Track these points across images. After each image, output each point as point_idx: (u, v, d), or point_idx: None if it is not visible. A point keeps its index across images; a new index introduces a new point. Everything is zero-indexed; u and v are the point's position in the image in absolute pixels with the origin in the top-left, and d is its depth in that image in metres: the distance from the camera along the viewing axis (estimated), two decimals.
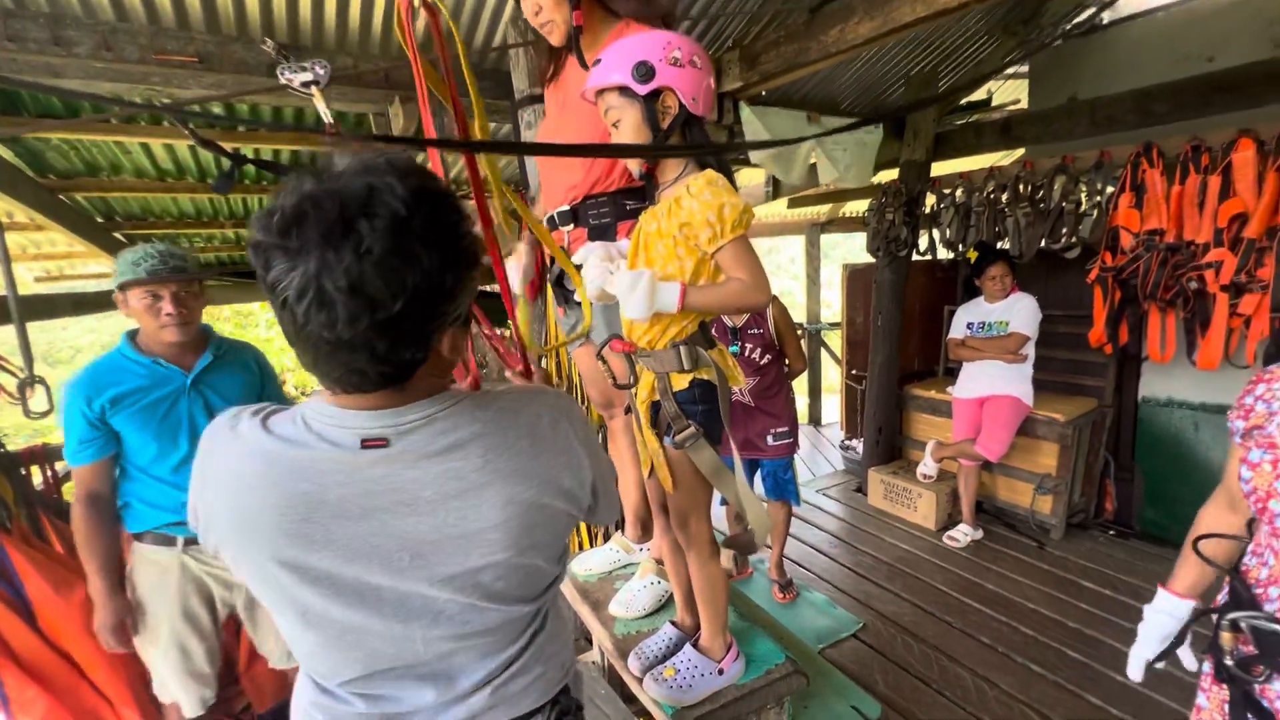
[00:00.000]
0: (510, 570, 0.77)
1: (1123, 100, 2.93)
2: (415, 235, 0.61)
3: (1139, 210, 2.81)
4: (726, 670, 1.32)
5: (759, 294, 1.14)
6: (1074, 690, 2.23)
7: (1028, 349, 3.17)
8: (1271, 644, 0.92)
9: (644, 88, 1.12)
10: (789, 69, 2.46)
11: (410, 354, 0.67)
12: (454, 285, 0.66)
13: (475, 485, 0.72)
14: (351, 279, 0.59)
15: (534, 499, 0.75)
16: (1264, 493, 0.95)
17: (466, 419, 0.74)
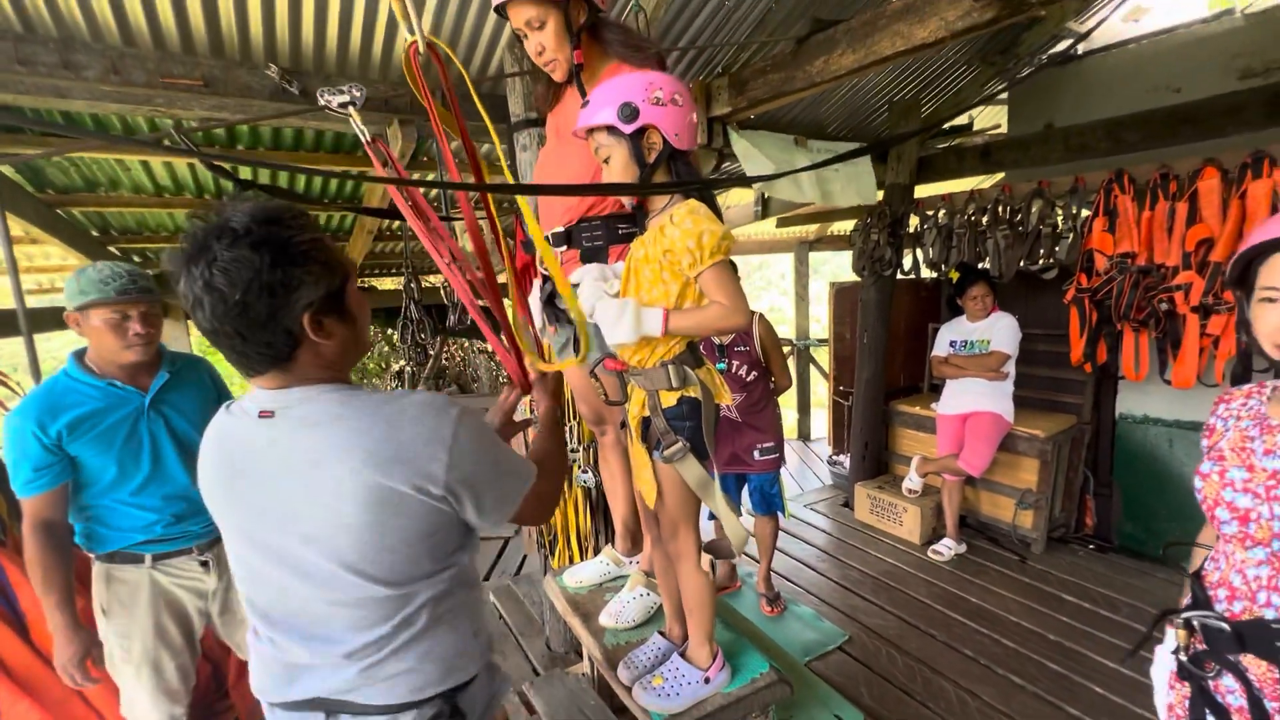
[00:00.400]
0: (364, 545, 0.88)
1: (1096, 129, 3.05)
2: (249, 244, 0.81)
3: (1112, 234, 2.92)
4: (713, 679, 1.37)
5: (738, 316, 1.21)
6: (1053, 701, 2.28)
7: (1008, 367, 3.25)
8: (1218, 640, 0.98)
9: (629, 127, 1.20)
10: (776, 96, 2.56)
11: (271, 337, 0.86)
12: (286, 278, 0.84)
13: (331, 459, 0.86)
14: (205, 280, 0.81)
15: (382, 481, 0.86)
16: (1212, 501, 1.01)
17: (336, 402, 0.90)
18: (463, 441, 0.91)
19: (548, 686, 1.87)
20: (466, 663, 1.00)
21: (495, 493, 0.97)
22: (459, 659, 0.99)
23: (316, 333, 0.89)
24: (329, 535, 0.88)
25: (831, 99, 3.67)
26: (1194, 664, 1.01)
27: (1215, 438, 1.09)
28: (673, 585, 1.48)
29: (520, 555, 4.02)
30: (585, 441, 2.34)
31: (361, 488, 0.86)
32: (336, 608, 0.91)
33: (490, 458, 0.96)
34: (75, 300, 1.53)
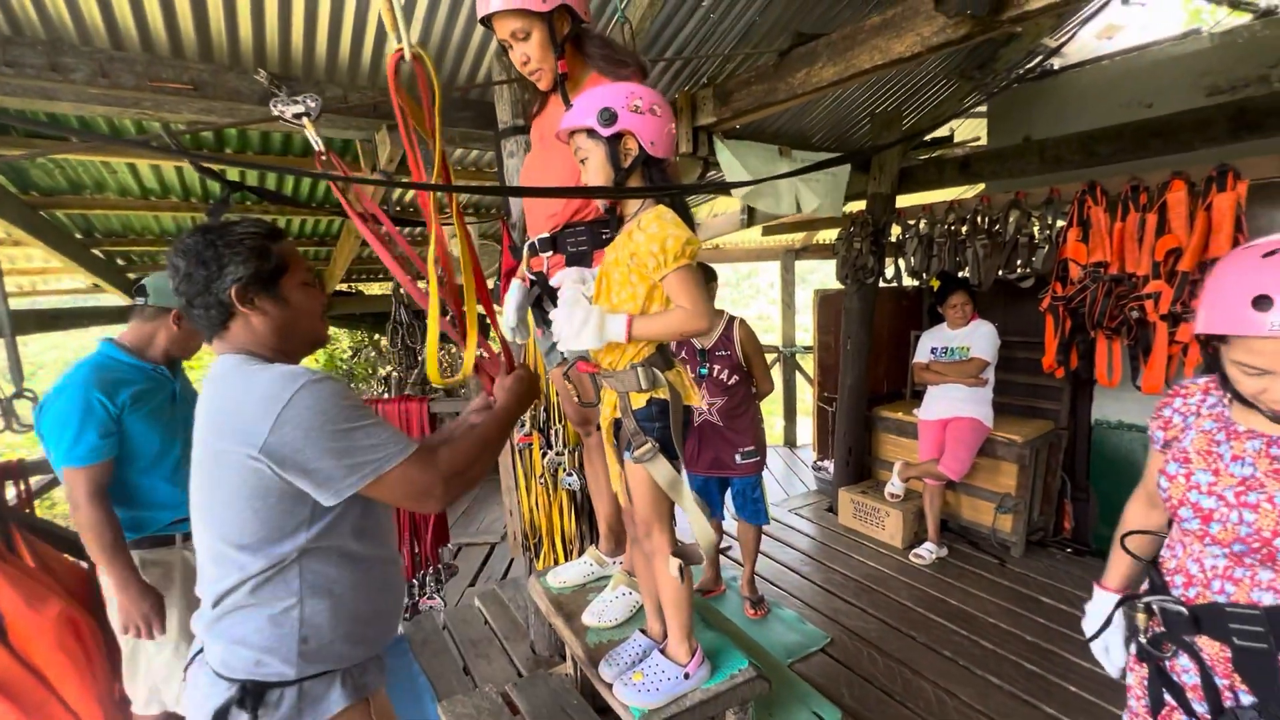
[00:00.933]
0: (207, 499, 1.06)
1: (1070, 141, 3.14)
2: (200, 232, 1.09)
3: (1085, 244, 3.00)
4: (692, 675, 1.39)
5: (699, 321, 1.25)
6: (1030, 701, 2.32)
7: (988, 373, 3.32)
8: (1175, 622, 1.04)
9: (607, 131, 1.24)
10: (759, 107, 2.61)
11: (208, 302, 1.08)
12: (217, 255, 1.06)
13: (200, 418, 1.07)
14: (170, 259, 1.09)
15: (216, 442, 1.02)
16: (1177, 500, 1.06)
17: (230, 367, 1.07)
18: (295, 406, 0.97)
19: (531, 687, 1.88)
20: (277, 663, 1.02)
21: (331, 462, 0.98)
22: (268, 654, 1.02)
23: (244, 304, 1.08)
24: (197, 486, 1.07)
25: (815, 110, 3.75)
26: (1152, 645, 1.06)
27: (1172, 432, 1.13)
28: (651, 584, 1.50)
29: (506, 560, 4.02)
30: (571, 445, 2.36)
31: (207, 445, 1.04)
32: (203, 550, 1.08)
33: (329, 426, 0.98)
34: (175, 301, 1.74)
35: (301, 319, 1.16)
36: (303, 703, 1.04)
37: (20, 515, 2.12)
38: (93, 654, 1.92)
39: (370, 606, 1.12)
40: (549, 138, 1.68)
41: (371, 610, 1.12)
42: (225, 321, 1.10)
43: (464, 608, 3.15)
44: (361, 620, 1.10)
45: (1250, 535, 0.95)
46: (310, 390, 0.99)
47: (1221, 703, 0.98)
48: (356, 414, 1.02)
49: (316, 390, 0.99)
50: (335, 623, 1.06)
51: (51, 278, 4.59)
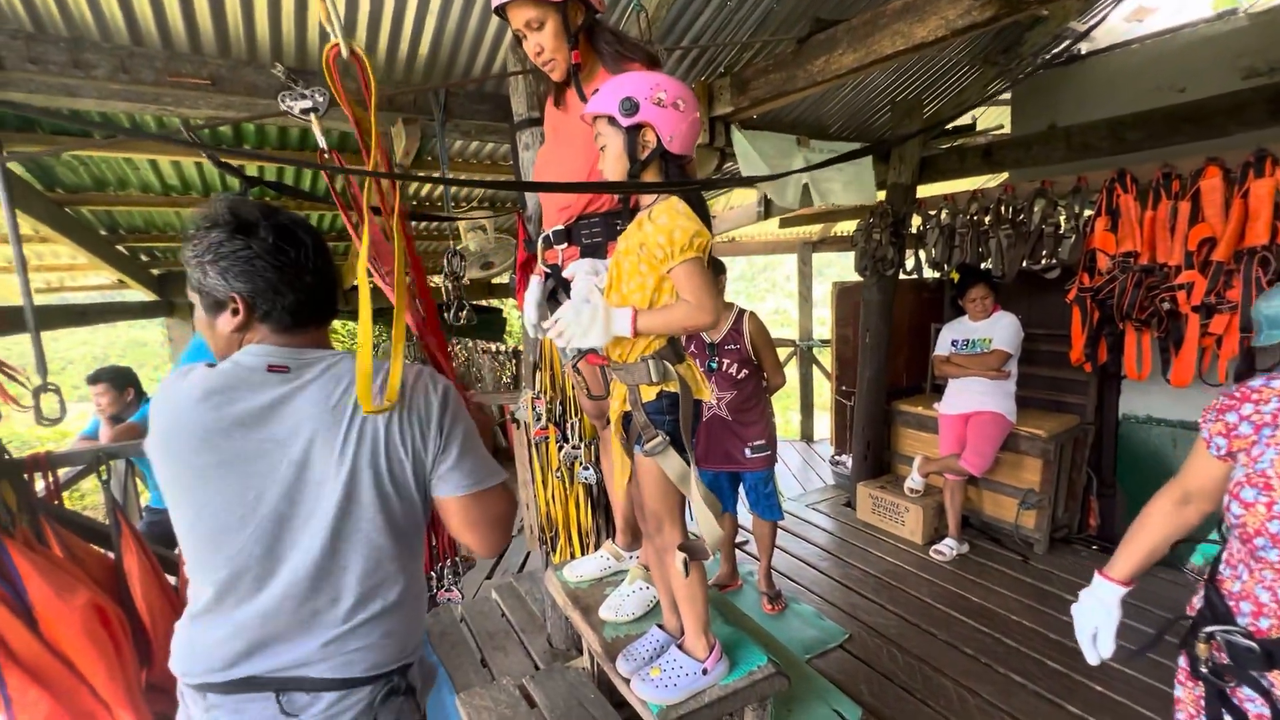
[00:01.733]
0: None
1: (1098, 128, 3.05)
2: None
3: (1114, 233, 2.92)
4: (710, 670, 1.38)
5: (704, 315, 1.23)
6: (1053, 699, 2.28)
7: (1010, 366, 3.25)
8: (1244, 658, 0.97)
9: (627, 121, 1.22)
10: (777, 95, 2.57)
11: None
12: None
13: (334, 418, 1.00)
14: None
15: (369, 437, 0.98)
16: (1254, 529, 0.96)
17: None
18: (453, 398, 1.01)
19: (548, 680, 1.88)
20: (418, 635, 1.03)
21: (470, 456, 1.01)
22: (415, 633, 1.02)
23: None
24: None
25: (833, 99, 3.68)
26: (1214, 675, 1.00)
27: (1240, 443, 1.01)
28: (666, 578, 1.49)
29: (524, 553, 4.04)
30: (587, 438, 2.35)
31: (370, 448, 0.97)
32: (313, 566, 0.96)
33: (469, 422, 1.02)
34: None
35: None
36: (421, 671, 1.07)
37: (49, 507, 2.16)
38: (120, 642, 1.95)
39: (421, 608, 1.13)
40: (563, 130, 1.67)
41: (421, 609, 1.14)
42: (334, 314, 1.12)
43: (481, 600, 3.17)
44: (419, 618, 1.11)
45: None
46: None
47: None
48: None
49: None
50: (416, 617, 1.06)
51: (79, 274, 4.68)
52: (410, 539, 1.01)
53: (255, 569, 0.91)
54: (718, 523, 1.29)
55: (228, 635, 0.91)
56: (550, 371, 2.42)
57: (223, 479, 0.90)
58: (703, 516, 1.28)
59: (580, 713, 1.71)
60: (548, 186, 1.61)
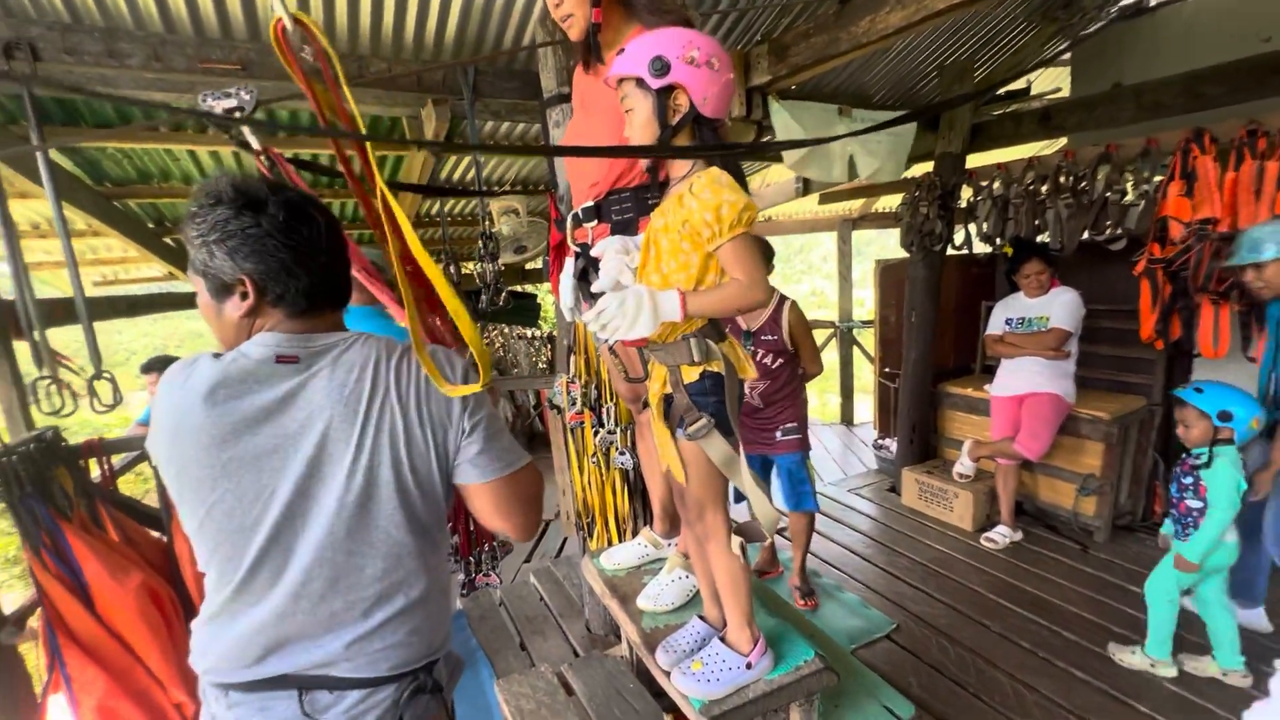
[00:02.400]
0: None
1: (1171, 84, 2.80)
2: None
3: (1190, 199, 2.68)
4: (755, 665, 1.32)
5: (758, 292, 1.15)
6: (1121, 698, 2.14)
7: (1070, 345, 3.06)
8: None
9: (657, 82, 1.14)
10: (819, 61, 2.43)
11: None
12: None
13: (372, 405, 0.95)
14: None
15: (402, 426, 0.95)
16: None
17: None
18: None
19: (586, 668, 1.85)
20: (444, 633, 1.01)
21: (491, 440, 0.97)
22: (441, 631, 1.00)
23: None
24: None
25: (877, 65, 3.50)
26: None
27: None
28: (706, 568, 1.43)
29: (561, 537, 4.04)
30: (623, 423, 2.30)
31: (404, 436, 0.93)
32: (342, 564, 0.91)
33: (488, 406, 0.98)
34: None
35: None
36: (448, 666, 1.04)
37: (105, 492, 2.23)
38: (173, 623, 2.01)
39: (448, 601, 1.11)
40: (590, 100, 1.59)
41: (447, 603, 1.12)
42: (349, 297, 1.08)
43: (520, 584, 3.18)
44: (445, 612, 1.09)
45: None
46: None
47: None
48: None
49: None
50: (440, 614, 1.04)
51: (131, 267, 4.85)
52: (432, 533, 0.96)
53: (269, 568, 0.87)
54: (769, 503, 1.23)
55: (246, 634, 0.88)
56: (585, 355, 2.38)
57: (232, 478, 0.85)
58: (756, 498, 1.22)
59: (619, 703, 1.68)
60: (573, 151, 1.53)
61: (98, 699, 1.78)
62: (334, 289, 0.94)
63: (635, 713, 1.64)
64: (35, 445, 1.85)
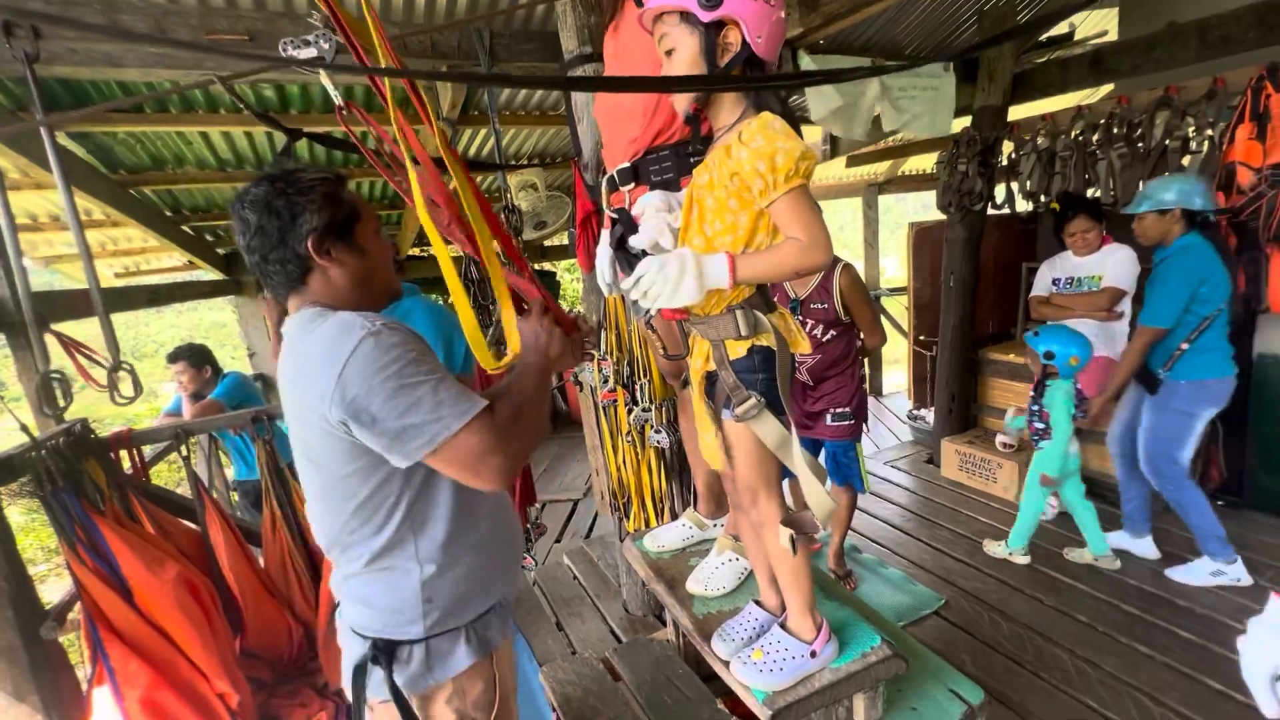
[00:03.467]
0: (307, 459, 1.03)
1: (1242, 16, 2.57)
2: (267, 182, 1.01)
3: (1261, 142, 2.48)
4: (819, 653, 1.24)
5: (819, 254, 1.03)
6: (1189, 673, 2.04)
7: (1124, 305, 2.89)
8: None
9: (708, 15, 1.01)
10: (853, 10, 2.27)
11: (284, 256, 1.01)
12: (290, 205, 1.00)
13: (283, 380, 1.03)
14: (238, 213, 1.02)
15: (302, 408, 0.98)
16: None
17: (301, 324, 1.00)
18: (356, 359, 0.90)
19: (632, 653, 1.80)
20: (404, 623, 1.03)
21: (394, 423, 0.90)
22: (394, 615, 1.03)
23: (322, 257, 1.02)
24: (298, 447, 1.04)
25: (911, 14, 3.29)
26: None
27: None
28: (763, 555, 1.34)
29: (591, 515, 4.00)
30: (658, 400, 2.21)
31: (294, 408, 1.01)
32: (316, 509, 1.07)
33: (390, 380, 0.90)
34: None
35: (379, 269, 1.10)
36: (431, 659, 1.05)
37: (136, 483, 2.21)
38: (210, 613, 1.99)
39: (487, 558, 1.09)
40: (623, 56, 1.47)
41: (489, 561, 1.10)
42: (303, 276, 1.03)
43: (553, 565, 3.15)
44: (481, 574, 1.09)
45: None
46: (370, 341, 0.91)
47: None
48: (419, 367, 0.92)
49: (376, 341, 0.91)
50: (455, 580, 1.05)
51: (152, 257, 4.84)
52: (367, 512, 0.99)
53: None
54: (825, 492, 1.13)
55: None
56: (616, 331, 2.28)
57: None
58: (810, 486, 1.11)
59: (669, 689, 1.62)
60: (601, 84, 1.40)
61: (142, 691, 1.77)
62: (270, 279, 1.05)
63: (687, 699, 1.58)
64: (64, 439, 1.82)
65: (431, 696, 1.06)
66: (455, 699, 1.06)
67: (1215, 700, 1.93)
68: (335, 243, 1.03)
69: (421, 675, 1.04)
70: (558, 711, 1.68)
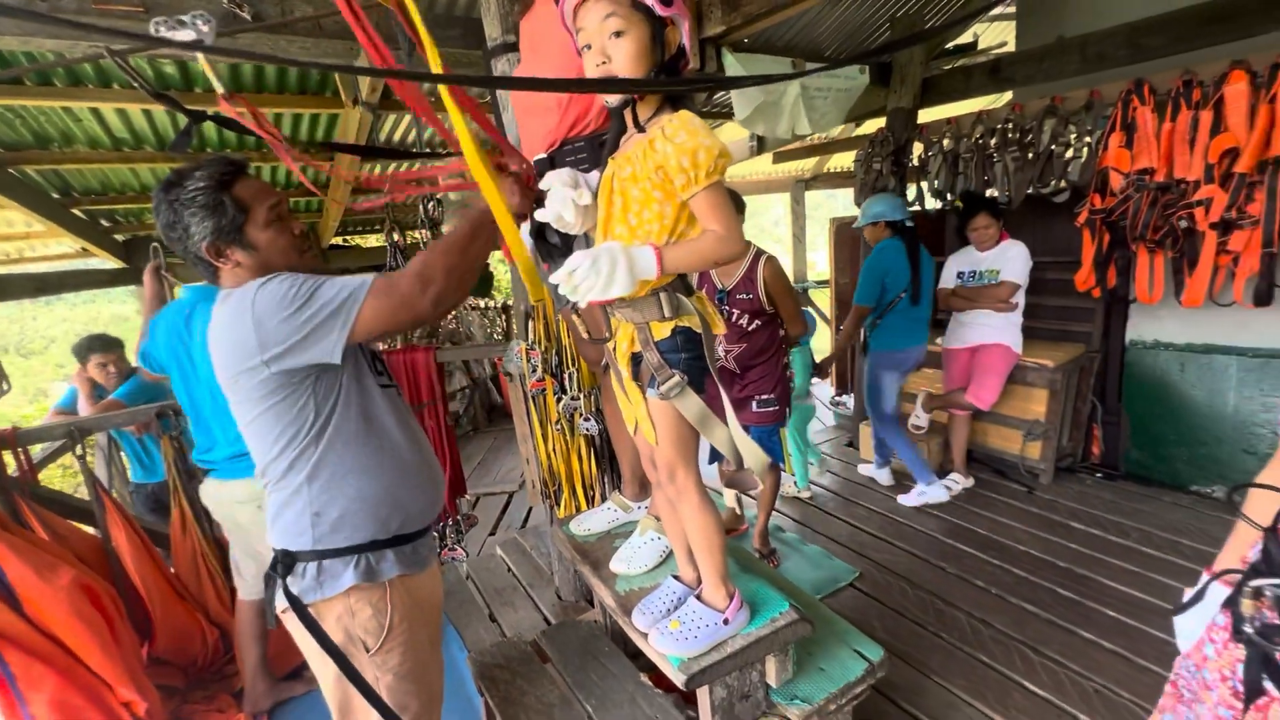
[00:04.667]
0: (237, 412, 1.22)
1: (1115, 35, 2.86)
2: (161, 191, 1.15)
3: (1129, 150, 2.77)
4: (731, 620, 1.31)
5: (735, 244, 1.10)
6: (1066, 626, 2.28)
7: (1018, 296, 3.15)
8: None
9: (665, 9, 1.04)
10: (771, 11, 2.35)
11: (193, 260, 1.18)
12: (175, 219, 1.13)
13: (211, 350, 1.20)
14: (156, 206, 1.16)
15: (229, 371, 1.15)
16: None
17: (217, 302, 1.19)
18: (260, 303, 1.07)
19: (559, 635, 1.84)
20: (298, 537, 1.18)
21: (313, 324, 1.08)
22: (290, 526, 1.18)
23: (219, 259, 1.16)
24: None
25: (829, 19, 3.45)
26: (1262, 635, 0.86)
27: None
28: (679, 529, 1.41)
29: (525, 508, 4.00)
30: (586, 387, 2.25)
31: (230, 366, 1.13)
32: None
33: (292, 300, 1.07)
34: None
35: (275, 258, 1.19)
36: (321, 576, 1.17)
37: (24, 485, 2.05)
38: (113, 619, 1.88)
39: (379, 489, 1.20)
40: (539, 44, 1.49)
41: (381, 492, 1.21)
42: (214, 273, 1.19)
43: (486, 557, 3.14)
44: (371, 501, 1.20)
45: None
46: (265, 286, 1.09)
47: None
48: (309, 281, 1.10)
49: (269, 284, 1.09)
50: (343, 500, 1.17)
51: (37, 243, 4.44)
52: (284, 440, 1.15)
53: None
54: (757, 446, 1.21)
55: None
56: (544, 320, 2.30)
57: None
58: (747, 447, 1.19)
59: (596, 666, 1.67)
60: (526, 83, 1.42)
61: (49, 694, 1.66)
62: (202, 274, 1.22)
63: (612, 675, 1.64)
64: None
65: (323, 612, 1.18)
66: (345, 617, 1.18)
67: (1088, 648, 2.16)
68: (228, 245, 1.15)
69: (312, 589, 1.16)
70: (485, 695, 1.70)
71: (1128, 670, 2.04)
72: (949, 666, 2.13)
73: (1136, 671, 2.03)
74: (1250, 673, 0.90)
